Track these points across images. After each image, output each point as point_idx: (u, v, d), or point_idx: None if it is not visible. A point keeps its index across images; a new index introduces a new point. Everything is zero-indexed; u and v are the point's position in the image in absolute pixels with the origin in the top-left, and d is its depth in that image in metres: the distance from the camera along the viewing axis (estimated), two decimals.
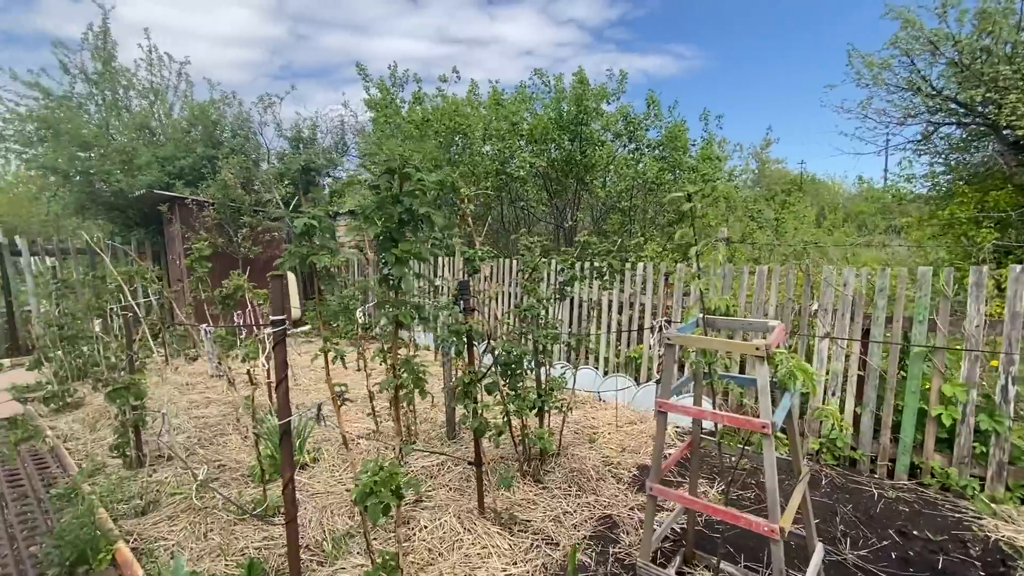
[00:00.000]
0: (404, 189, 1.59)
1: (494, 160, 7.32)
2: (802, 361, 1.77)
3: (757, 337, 1.88)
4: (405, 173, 1.55)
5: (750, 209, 7.07)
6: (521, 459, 3.26)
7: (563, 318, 5.42)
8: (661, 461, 2.00)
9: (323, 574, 2.39)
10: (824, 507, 3.00)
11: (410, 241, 1.62)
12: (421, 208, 1.55)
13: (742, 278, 4.13)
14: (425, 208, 1.56)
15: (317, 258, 1.81)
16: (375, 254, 1.63)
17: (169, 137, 9.13)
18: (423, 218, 1.58)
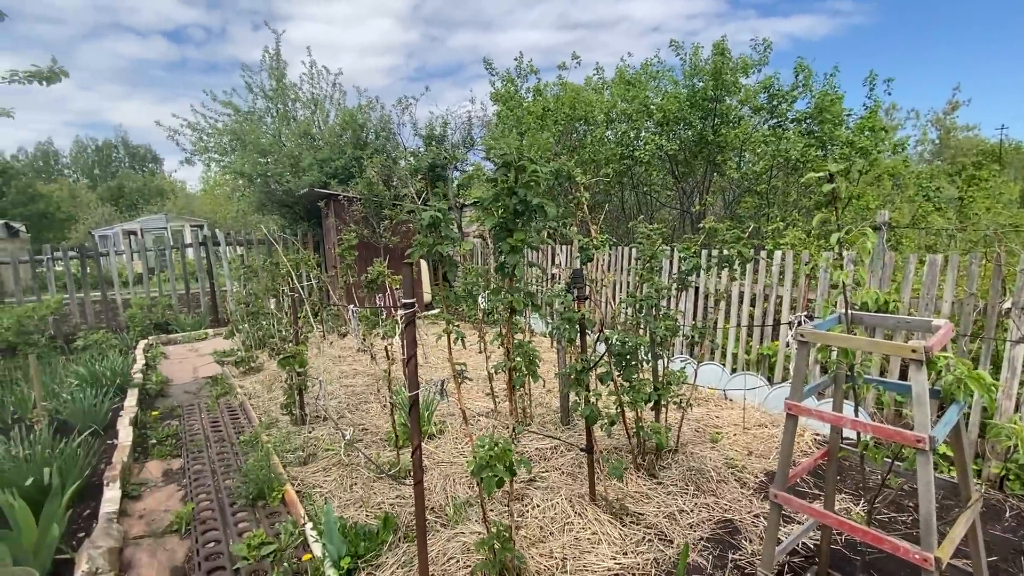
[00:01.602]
0: (519, 181, 1.65)
1: (617, 144, 7.13)
2: (977, 368, 1.49)
3: (917, 339, 1.62)
4: (520, 166, 1.62)
5: (924, 187, 5.92)
6: (635, 451, 3.21)
7: (686, 309, 5.14)
8: (789, 468, 1.83)
9: (445, 535, 2.62)
10: (1006, 543, 2.49)
11: (524, 231, 1.69)
12: (534, 199, 1.61)
13: (907, 269, 3.53)
14: (538, 199, 1.61)
15: (441, 247, 1.97)
16: (492, 243, 1.73)
17: (326, 142, 10.45)
18: (536, 208, 1.64)
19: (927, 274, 3.40)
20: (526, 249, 1.86)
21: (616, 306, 4.03)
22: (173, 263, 10.07)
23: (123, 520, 2.99)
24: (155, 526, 2.98)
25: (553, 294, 2.66)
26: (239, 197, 12.46)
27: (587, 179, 2.76)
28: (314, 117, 11.66)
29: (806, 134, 6.36)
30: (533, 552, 2.44)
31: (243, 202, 12.47)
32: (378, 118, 10.60)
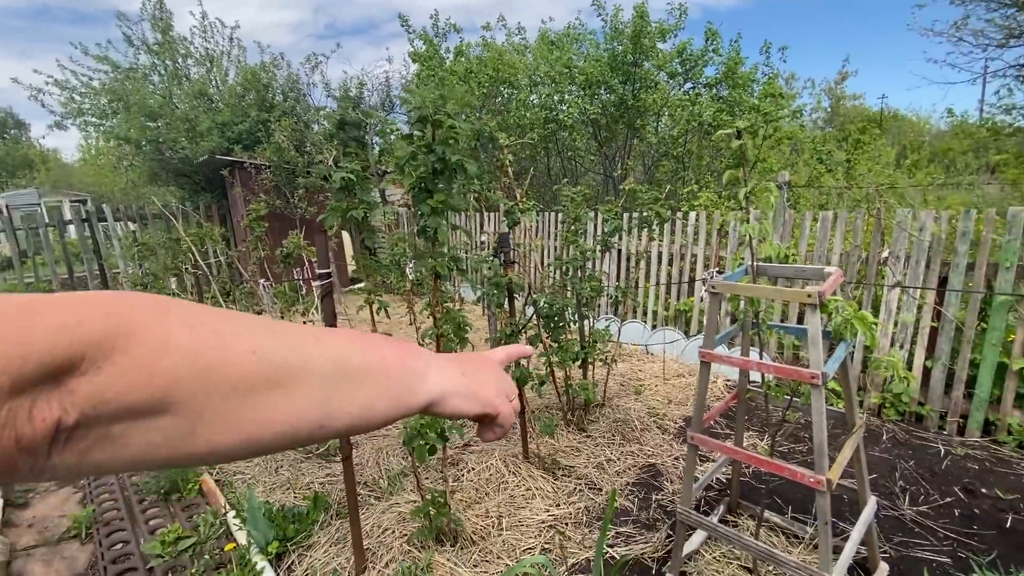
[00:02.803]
0: (437, 137, 1.57)
1: (541, 108, 7.08)
2: (861, 310, 1.65)
3: (812, 285, 1.76)
4: (436, 120, 1.53)
5: (818, 151, 6.47)
6: (565, 408, 3.32)
7: (610, 270, 5.32)
8: (703, 411, 1.96)
9: (380, 507, 2.58)
10: (884, 463, 2.88)
11: (444, 191, 1.62)
12: (453, 157, 1.53)
13: (804, 225, 3.86)
14: (457, 156, 1.54)
15: (356, 212, 1.85)
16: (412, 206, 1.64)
17: (226, 103, 9.47)
18: (456, 167, 1.56)
19: (820, 229, 3.73)
20: (448, 212, 1.79)
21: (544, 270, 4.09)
22: (52, 244, 8.81)
23: (8, 531, 2.66)
24: (49, 534, 2.68)
25: (481, 259, 2.62)
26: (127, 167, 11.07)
27: (510, 141, 2.70)
28: (210, 76, 10.51)
29: (717, 99, 6.67)
30: (469, 513, 2.47)
31: (133, 172, 11.10)
32: (285, 78, 9.74)
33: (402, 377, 0.44)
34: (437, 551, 2.22)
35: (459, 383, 0.50)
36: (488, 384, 0.54)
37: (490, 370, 0.57)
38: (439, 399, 0.48)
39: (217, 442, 0.32)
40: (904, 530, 2.34)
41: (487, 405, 0.53)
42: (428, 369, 0.48)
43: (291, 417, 0.36)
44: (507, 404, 0.56)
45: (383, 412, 0.42)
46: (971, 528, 2.33)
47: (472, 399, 0.51)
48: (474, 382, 0.52)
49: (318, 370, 0.37)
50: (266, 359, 0.34)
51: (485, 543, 2.29)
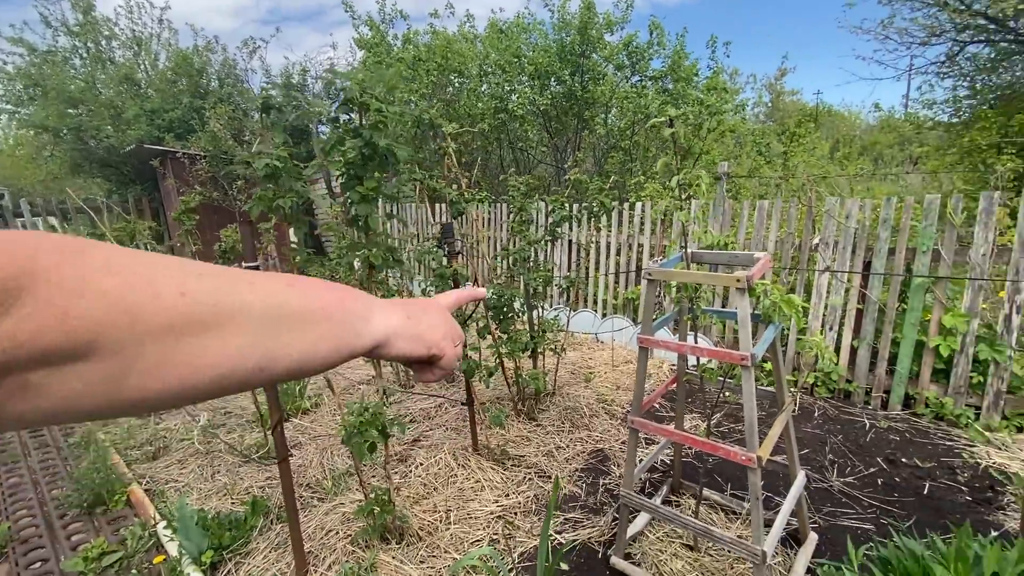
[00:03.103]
0: (364, 121, 1.50)
1: (492, 98, 7.01)
2: (794, 294, 1.71)
3: (742, 270, 1.81)
4: (363, 103, 1.46)
5: (758, 143, 6.75)
6: (515, 399, 3.32)
7: (560, 261, 5.36)
8: (643, 395, 2.00)
9: (324, 508, 2.50)
10: (815, 438, 3.04)
11: (376, 179, 1.55)
12: (382, 141, 1.47)
13: (743, 214, 4.00)
14: (387, 142, 1.48)
15: (284, 201, 1.75)
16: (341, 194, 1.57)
17: (156, 89, 8.86)
18: (386, 153, 1.50)
19: (757, 218, 3.88)
20: (385, 201, 1.72)
21: (491, 260, 4.07)
22: None
23: None
24: None
25: (423, 251, 2.55)
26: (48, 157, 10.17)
27: (454, 129, 2.64)
28: (138, 60, 9.79)
29: (662, 92, 6.81)
30: (417, 509, 2.43)
31: (54, 163, 10.22)
32: (220, 62, 9.20)
33: (344, 319, 0.44)
34: (382, 550, 2.16)
35: (404, 325, 0.51)
36: (434, 326, 0.55)
37: (436, 313, 0.57)
38: (384, 341, 0.48)
39: (149, 388, 0.31)
40: (832, 500, 2.47)
41: (433, 346, 0.53)
42: (372, 311, 0.48)
43: (227, 360, 0.35)
44: (452, 347, 0.57)
45: (326, 355, 0.42)
46: (893, 496, 2.50)
47: (418, 341, 0.52)
48: (419, 324, 0.53)
49: (254, 312, 0.37)
50: (197, 301, 0.33)
51: (432, 538, 2.26)
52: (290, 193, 1.78)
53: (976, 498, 2.45)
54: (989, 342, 3.01)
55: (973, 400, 3.09)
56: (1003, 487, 2.50)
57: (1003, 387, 2.97)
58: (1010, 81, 7.36)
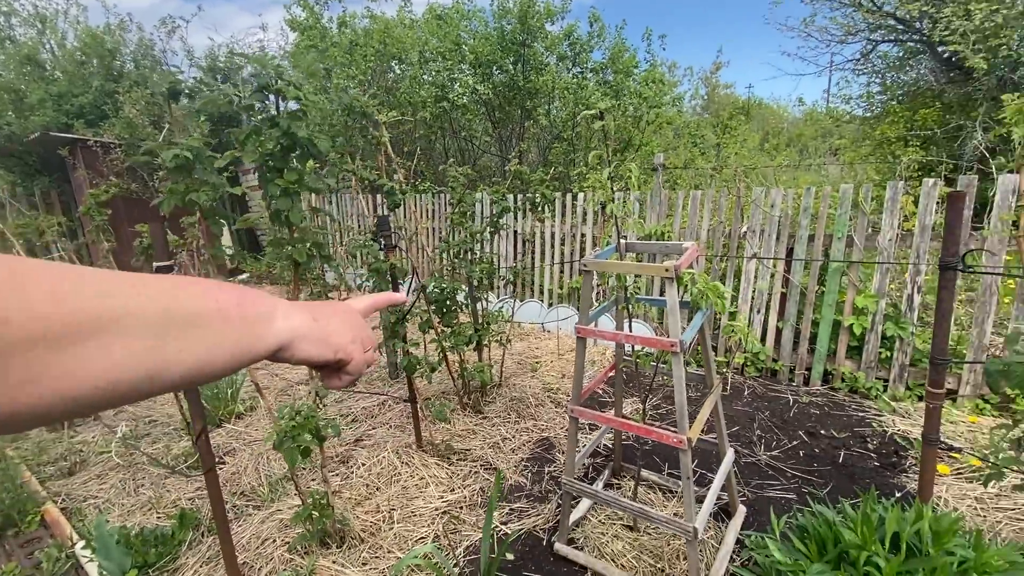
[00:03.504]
0: (282, 110, 1.41)
1: (433, 86, 6.86)
2: (719, 279, 1.78)
3: (674, 259, 1.88)
4: (279, 90, 1.37)
5: (693, 135, 7.01)
6: (461, 392, 3.30)
7: (506, 252, 5.36)
8: (582, 384, 2.03)
9: (259, 517, 2.39)
10: (744, 415, 3.22)
11: (297, 171, 1.47)
12: (301, 131, 1.39)
13: (678, 204, 4.14)
14: (306, 132, 1.40)
15: (198, 195, 1.63)
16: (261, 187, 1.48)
17: (63, 71, 8.05)
18: (306, 143, 1.42)
19: (691, 208, 4.03)
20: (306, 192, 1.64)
21: (432, 253, 4.00)
22: None
23: None
24: None
25: (357, 244, 2.47)
26: None
27: (389, 117, 2.56)
28: (42, 39, 8.85)
29: (603, 84, 6.92)
30: (359, 511, 2.37)
31: None
32: (136, 43, 8.47)
33: (243, 321, 0.43)
34: (322, 555, 2.10)
35: (310, 327, 0.49)
36: (341, 330, 0.53)
37: (345, 317, 0.56)
38: (288, 343, 0.47)
39: (21, 402, 0.29)
40: (760, 474, 2.63)
41: (340, 350, 0.52)
42: (274, 313, 0.46)
43: (111, 369, 0.33)
44: (360, 352, 0.56)
45: (225, 360, 0.41)
46: (812, 466, 2.69)
47: (323, 344, 0.51)
48: (327, 327, 0.51)
49: (139, 317, 0.35)
50: (74, 307, 0.31)
51: (375, 539, 2.22)
52: (205, 187, 1.66)
53: (883, 463, 2.68)
54: (895, 320, 3.29)
55: (882, 373, 3.37)
56: (906, 452, 2.75)
57: (907, 361, 3.26)
58: (915, 79, 8.01)
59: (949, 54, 6.58)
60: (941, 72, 7.37)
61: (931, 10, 6.38)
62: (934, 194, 3.09)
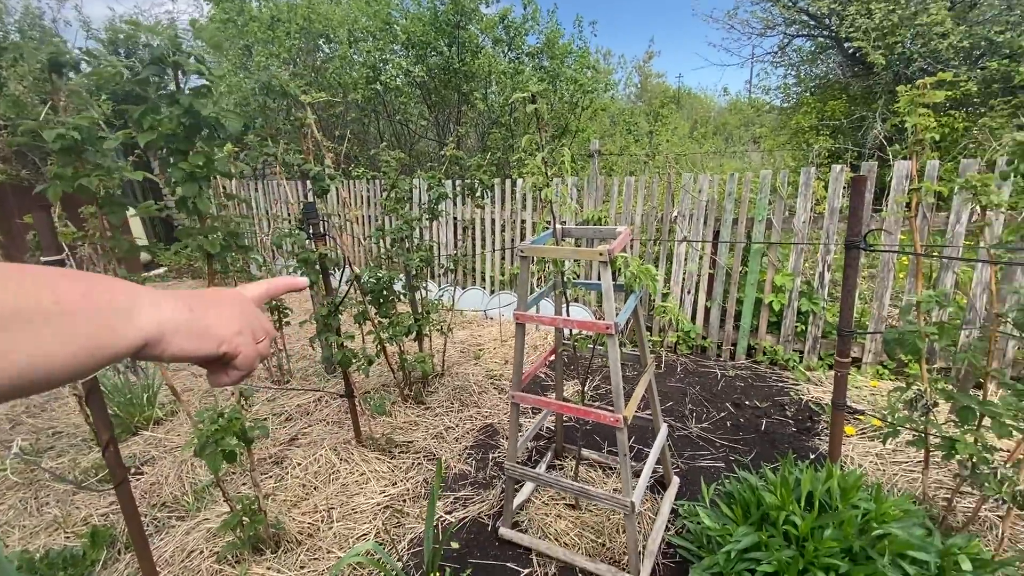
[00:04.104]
0: (182, 86, 1.28)
1: (364, 66, 6.57)
2: (645, 264, 1.83)
3: (609, 243, 1.91)
4: (176, 63, 1.24)
5: (628, 123, 7.19)
6: (401, 384, 3.23)
7: (446, 240, 5.28)
8: (522, 370, 2.04)
9: (184, 528, 2.23)
10: (677, 391, 3.38)
11: (204, 153, 1.34)
12: (206, 110, 1.27)
13: (613, 190, 4.24)
14: (211, 111, 1.28)
15: (88, 181, 1.46)
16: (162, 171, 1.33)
17: None
18: (214, 123, 1.30)
19: (626, 193, 4.14)
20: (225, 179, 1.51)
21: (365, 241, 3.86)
22: None
23: None
24: None
25: (282, 234, 2.33)
26: None
27: (314, 98, 2.41)
28: None
29: (539, 69, 6.91)
30: (295, 513, 2.27)
31: None
32: (22, 10, 7.49)
33: (94, 314, 0.38)
34: (255, 562, 2.00)
35: (185, 319, 0.44)
36: (226, 320, 0.48)
37: (232, 304, 0.50)
38: (156, 339, 0.42)
39: None
40: (692, 445, 2.78)
41: (224, 343, 0.47)
42: (137, 304, 0.41)
43: None
44: (250, 344, 0.50)
45: (68, 360, 0.36)
46: (738, 435, 2.87)
47: (203, 337, 0.46)
48: (205, 317, 0.46)
49: None
50: None
51: (313, 540, 2.13)
52: (99, 171, 1.49)
53: (799, 428, 2.91)
54: (809, 296, 3.55)
55: (798, 346, 3.64)
56: (818, 417, 3.00)
57: (819, 333, 3.54)
58: (825, 72, 8.62)
59: (854, 50, 7.12)
60: (847, 66, 7.98)
61: (838, 7, 6.86)
62: (841, 179, 3.34)
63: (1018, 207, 2.15)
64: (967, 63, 6.00)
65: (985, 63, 5.75)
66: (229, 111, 1.33)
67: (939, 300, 1.86)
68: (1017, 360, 3.02)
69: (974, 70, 5.80)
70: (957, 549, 1.50)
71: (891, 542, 1.50)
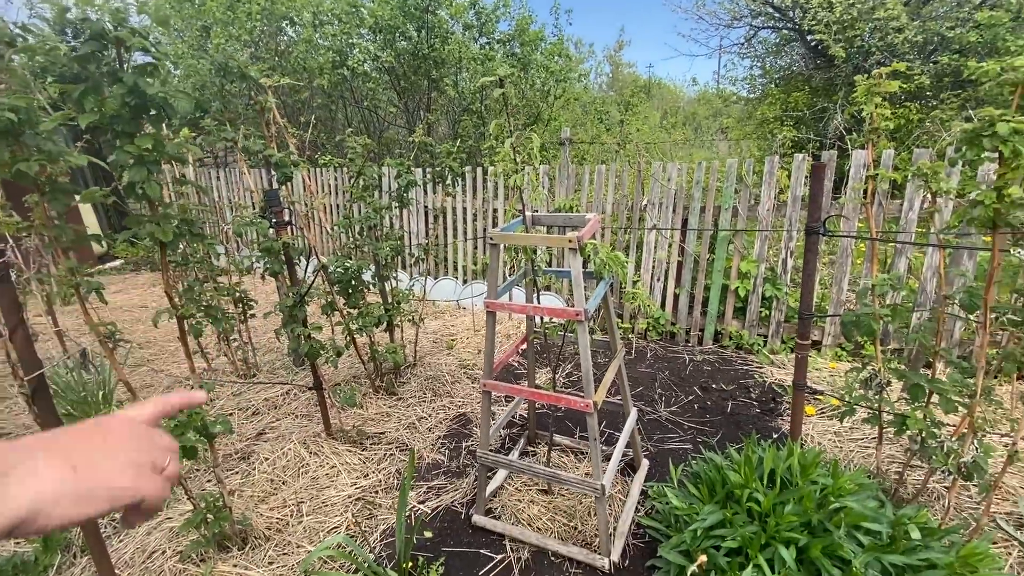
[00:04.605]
0: (124, 63, 1.20)
1: (330, 51, 6.37)
2: (614, 251, 1.84)
3: (574, 231, 1.91)
4: (118, 38, 1.16)
5: (599, 112, 7.21)
6: (372, 375, 3.19)
7: (416, 229, 5.21)
8: (493, 358, 2.04)
9: (144, 528, 2.16)
10: (647, 376, 3.45)
11: (153, 136, 1.27)
12: (152, 89, 1.19)
13: (584, 178, 4.25)
14: (159, 89, 1.21)
15: (27, 166, 1.37)
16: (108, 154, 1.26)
17: None
18: (162, 103, 1.23)
19: (597, 182, 4.16)
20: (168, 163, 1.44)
21: (332, 230, 3.77)
22: None
23: None
24: None
25: (243, 222, 2.24)
26: None
27: (274, 81, 2.31)
28: None
29: (510, 56, 6.85)
30: (263, 508, 2.23)
31: None
32: None
33: None
34: (221, 560, 1.95)
35: (70, 487, 0.39)
36: (120, 467, 0.43)
37: (122, 440, 0.45)
38: (32, 516, 0.36)
39: None
40: (661, 428, 2.84)
41: (119, 496, 0.42)
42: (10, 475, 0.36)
43: None
44: (153, 481, 0.45)
45: None
46: (705, 418, 2.95)
47: (91, 499, 0.40)
48: (95, 473, 0.40)
49: None
50: None
51: (283, 535, 2.10)
52: (40, 156, 1.40)
53: (763, 410, 3.00)
54: (772, 282, 3.66)
55: (762, 330, 3.75)
56: (781, 398, 3.10)
57: (781, 318, 3.65)
58: (789, 64, 8.82)
59: (816, 42, 7.30)
60: (810, 59, 8.18)
61: (802, 0, 7.01)
62: (803, 168, 3.43)
63: (965, 193, 2.26)
64: (921, 57, 6.24)
65: (937, 57, 5.98)
66: (179, 91, 1.26)
67: (892, 284, 1.94)
68: (963, 340, 3.18)
69: (927, 64, 6.03)
70: (907, 519, 1.58)
71: (847, 514, 1.57)
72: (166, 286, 1.54)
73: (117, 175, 1.29)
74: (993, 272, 1.60)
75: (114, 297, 5.50)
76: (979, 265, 3.08)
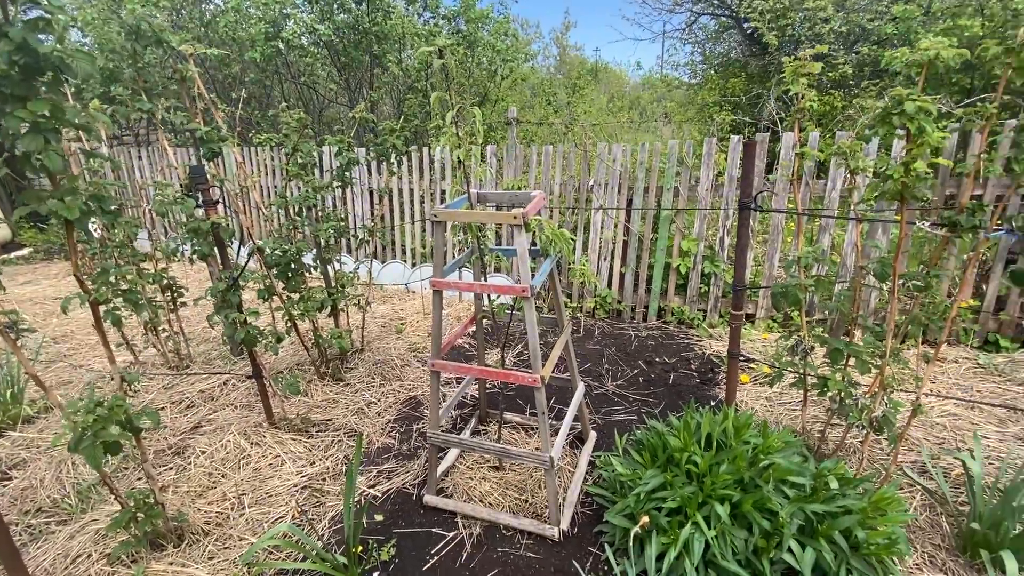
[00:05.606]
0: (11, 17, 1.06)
1: (262, 21, 5.98)
2: (559, 228, 1.85)
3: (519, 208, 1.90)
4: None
5: (546, 93, 7.21)
6: (317, 362, 3.09)
7: (361, 211, 5.05)
8: (441, 338, 2.02)
9: (67, 532, 2.00)
10: (595, 352, 3.53)
11: (49, 100, 1.13)
12: (45, 47, 1.07)
13: (532, 159, 4.25)
14: (54, 47, 1.08)
15: None
16: None
17: None
18: (58, 63, 1.10)
19: (544, 163, 4.16)
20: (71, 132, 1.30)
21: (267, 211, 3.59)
22: None
23: None
24: None
25: (166, 201, 2.08)
26: None
27: (196, 49, 2.14)
28: None
29: (455, 33, 6.69)
30: (200, 503, 2.12)
31: None
32: None
33: None
34: (155, 559, 1.84)
35: None
36: None
37: None
38: None
39: None
40: (608, 402, 2.93)
41: None
42: None
43: None
44: None
45: None
46: (649, 390, 3.06)
47: None
48: None
49: None
50: None
51: (223, 529, 2.01)
52: None
53: (702, 380, 3.16)
54: (711, 259, 3.82)
55: (702, 306, 3.93)
56: (718, 368, 3.27)
57: (719, 293, 3.84)
58: (727, 50, 9.13)
59: (751, 30, 7.59)
60: (746, 46, 8.50)
61: None
62: (739, 150, 3.58)
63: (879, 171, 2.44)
64: (844, 47, 6.62)
65: (859, 48, 6.37)
66: (80, 51, 1.13)
67: (816, 256, 2.07)
68: (878, 308, 3.47)
69: (850, 54, 6.41)
70: (827, 471, 1.71)
71: (775, 470, 1.68)
72: (74, 268, 1.41)
73: (9, 144, 1.15)
74: (900, 243, 1.74)
75: (22, 289, 5.01)
76: (892, 240, 3.35)
